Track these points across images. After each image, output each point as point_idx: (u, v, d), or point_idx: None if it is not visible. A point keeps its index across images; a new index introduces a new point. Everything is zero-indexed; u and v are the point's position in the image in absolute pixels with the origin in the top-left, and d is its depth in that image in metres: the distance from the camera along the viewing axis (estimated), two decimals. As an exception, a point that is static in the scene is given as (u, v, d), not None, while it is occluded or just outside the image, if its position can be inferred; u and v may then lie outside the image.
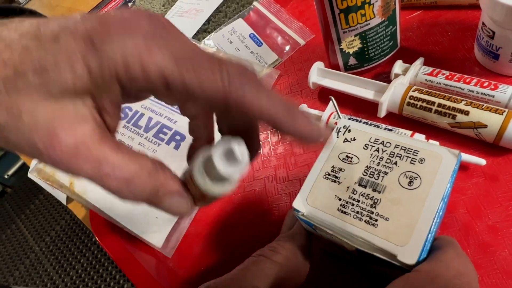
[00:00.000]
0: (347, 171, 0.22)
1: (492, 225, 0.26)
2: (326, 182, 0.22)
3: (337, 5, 0.31)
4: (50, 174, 0.37)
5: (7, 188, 1.97)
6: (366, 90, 0.34)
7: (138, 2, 0.72)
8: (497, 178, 0.28)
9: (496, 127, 0.27)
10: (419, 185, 0.20)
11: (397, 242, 0.19)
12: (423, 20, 0.40)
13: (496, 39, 0.30)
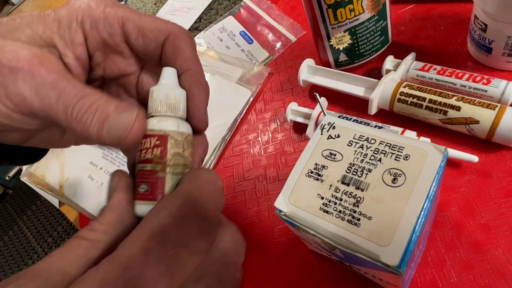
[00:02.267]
0: (330, 168, 0.21)
1: (485, 224, 0.25)
2: (309, 180, 0.21)
3: (325, 1, 0.30)
4: (40, 178, 0.37)
5: (9, 189, 1.97)
6: (357, 87, 0.33)
7: (130, 1, 0.72)
8: (490, 175, 0.27)
9: (488, 123, 0.26)
10: (403, 182, 0.19)
11: (380, 242, 0.18)
12: (415, 14, 0.39)
13: (488, 32, 0.29)
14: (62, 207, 0.48)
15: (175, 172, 0.18)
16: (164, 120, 0.19)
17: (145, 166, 0.18)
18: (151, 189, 0.18)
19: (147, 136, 0.18)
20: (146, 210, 0.18)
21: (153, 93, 0.19)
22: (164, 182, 0.18)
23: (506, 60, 0.30)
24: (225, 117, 0.38)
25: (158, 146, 0.18)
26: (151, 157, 0.18)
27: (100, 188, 0.35)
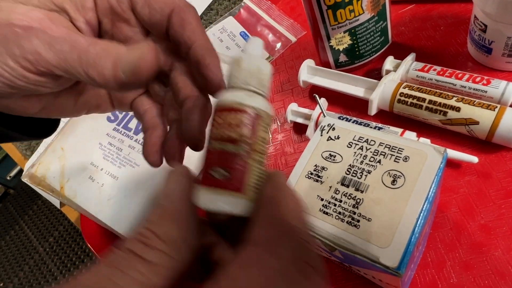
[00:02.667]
0: (330, 170, 0.21)
1: (485, 224, 0.25)
2: (309, 181, 0.21)
3: (325, 2, 0.30)
4: (41, 179, 0.37)
5: (10, 189, 1.98)
6: (357, 87, 0.33)
7: None
8: (490, 176, 0.27)
9: (488, 124, 0.26)
10: (403, 184, 0.19)
11: (380, 243, 0.18)
12: (415, 14, 0.39)
13: (488, 33, 0.29)
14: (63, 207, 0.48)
15: (258, 161, 0.15)
16: (255, 96, 0.16)
17: (226, 146, 0.15)
18: (233, 175, 0.14)
19: (233, 110, 0.15)
20: (221, 200, 0.14)
21: (242, 62, 0.16)
22: (247, 171, 0.15)
23: (506, 61, 0.30)
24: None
25: (247, 125, 0.15)
26: (235, 136, 0.15)
27: (101, 189, 0.35)
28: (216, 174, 0.15)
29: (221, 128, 0.15)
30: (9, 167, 1.93)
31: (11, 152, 0.59)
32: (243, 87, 0.16)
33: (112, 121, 0.39)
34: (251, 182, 0.15)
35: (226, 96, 0.15)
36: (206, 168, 0.15)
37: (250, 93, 0.16)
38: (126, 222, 0.34)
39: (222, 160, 0.15)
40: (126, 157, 0.36)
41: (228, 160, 0.15)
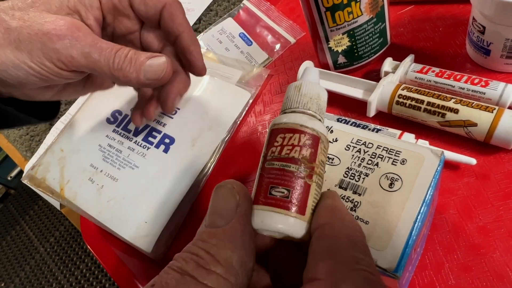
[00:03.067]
0: (328, 172, 0.21)
1: (483, 226, 0.25)
2: (307, 184, 0.21)
3: (323, 4, 0.30)
4: (41, 180, 0.37)
5: (11, 189, 1.98)
6: (355, 89, 0.33)
7: None
8: (488, 178, 0.27)
9: (486, 125, 0.26)
10: (400, 187, 0.19)
11: (377, 246, 0.18)
12: (414, 15, 0.39)
13: (486, 35, 0.29)
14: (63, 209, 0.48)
15: (318, 184, 0.15)
16: (315, 120, 0.16)
17: (287, 166, 0.15)
18: (293, 195, 0.14)
19: (295, 131, 0.15)
20: (281, 221, 0.14)
21: (303, 88, 0.17)
22: (309, 192, 0.15)
23: (504, 62, 0.30)
24: (225, 119, 0.38)
25: (309, 146, 0.15)
26: (298, 157, 0.15)
27: (100, 191, 0.35)
28: (277, 193, 0.14)
29: (282, 148, 0.15)
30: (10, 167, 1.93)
31: (11, 153, 0.59)
32: (304, 111, 0.16)
33: (111, 123, 0.39)
34: (311, 205, 0.15)
35: (288, 118, 0.16)
36: (264, 187, 0.15)
37: (310, 117, 0.16)
38: (126, 223, 0.34)
39: (284, 179, 0.14)
40: (126, 159, 0.36)
41: (290, 179, 0.14)
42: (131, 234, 0.33)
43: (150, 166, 0.35)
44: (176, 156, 0.36)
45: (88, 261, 1.46)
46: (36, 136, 0.55)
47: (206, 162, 0.36)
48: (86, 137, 0.39)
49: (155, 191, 0.34)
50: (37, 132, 0.56)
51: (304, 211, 0.14)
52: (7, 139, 0.61)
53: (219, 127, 0.38)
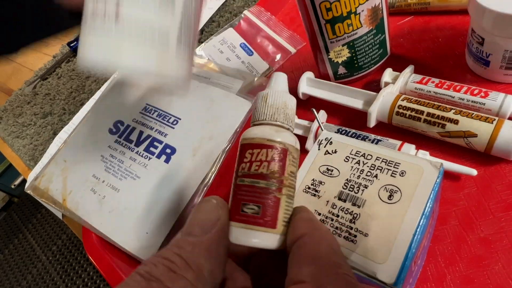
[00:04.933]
0: (327, 184, 0.21)
1: (485, 238, 0.25)
2: (306, 196, 0.21)
3: (323, 16, 0.30)
4: (44, 191, 0.38)
5: (14, 198, 1.99)
6: (355, 99, 0.33)
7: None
8: (489, 188, 0.27)
9: (486, 136, 0.26)
10: (399, 199, 0.19)
11: (376, 259, 0.18)
12: (413, 26, 0.39)
13: (486, 46, 0.29)
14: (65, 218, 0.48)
15: (288, 195, 0.16)
16: (283, 131, 0.16)
17: (257, 182, 0.15)
18: (264, 211, 0.15)
19: (263, 147, 0.15)
20: (253, 236, 0.15)
21: (268, 98, 0.17)
22: (279, 205, 0.15)
23: (504, 73, 0.30)
24: (226, 129, 0.38)
25: (277, 160, 0.15)
26: (266, 172, 0.15)
27: (102, 201, 0.35)
28: (248, 210, 0.15)
29: (251, 164, 0.15)
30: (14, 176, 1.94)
31: (15, 162, 0.60)
32: (271, 123, 0.16)
33: (113, 133, 0.39)
34: (283, 217, 0.15)
35: (255, 133, 0.16)
36: (237, 204, 0.15)
37: (277, 128, 0.16)
38: (127, 234, 0.34)
39: (254, 196, 0.15)
40: (128, 169, 0.36)
41: (260, 196, 0.15)
42: (132, 245, 0.33)
43: (151, 176, 0.36)
44: (177, 166, 0.36)
45: (90, 270, 1.46)
46: (40, 145, 0.56)
47: (207, 172, 0.36)
48: (88, 147, 0.39)
49: (157, 201, 0.34)
50: (40, 141, 0.56)
51: (275, 225, 0.15)
52: (11, 148, 0.62)
53: (220, 137, 0.38)
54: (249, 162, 0.15)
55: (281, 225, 0.15)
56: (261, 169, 0.15)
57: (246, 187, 0.15)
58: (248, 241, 0.15)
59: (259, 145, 0.15)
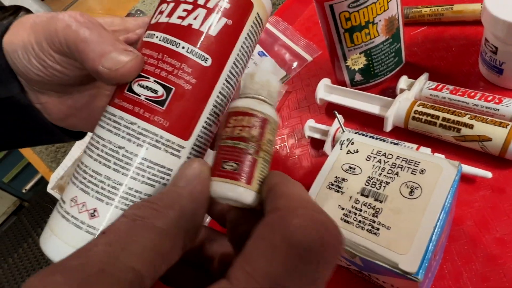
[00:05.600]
0: (350, 181, 0.22)
1: (500, 238, 0.26)
2: (330, 192, 0.23)
3: (342, 25, 0.32)
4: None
5: (25, 202, 2.02)
6: (372, 105, 0.35)
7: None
8: (504, 191, 0.28)
9: (500, 140, 0.27)
10: (420, 194, 0.20)
11: (399, 250, 0.19)
12: (427, 35, 0.40)
13: (499, 54, 0.31)
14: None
15: (265, 159, 0.17)
16: (265, 104, 0.18)
17: (238, 144, 0.17)
18: (241, 168, 0.16)
19: (246, 114, 0.17)
20: (231, 189, 0.16)
21: (255, 76, 0.18)
22: (255, 165, 0.17)
23: (517, 81, 0.31)
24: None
25: (257, 127, 0.17)
26: (247, 136, 0.17)
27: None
28: (228, 167, 0.17)
29: (234, 128, 0.17)
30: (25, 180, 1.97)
31: (36, 163, 0.62)
32: (255, 96, 0.18)
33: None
34: (258, 177, 0.17)
35: (241, 103, 0.18)
36: (218, 162, 0.17)
37: (260, 101, 0.18)
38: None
39: (234, 155, 0.17)
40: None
41: (239, 155, 0.17)
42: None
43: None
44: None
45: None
46: (62, 147, 0.58)
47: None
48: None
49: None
50: (62, 143, 0.59)
51: (251, 182, 0.16)
52: (32, 150, 0.64)
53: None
54: (233, 127, 0.17)
55: (256, 183, 0.17)
56: (243, 133, 0.17)
57: (228, 147, 0.17)
58: (224, 193, 0.16)
59: (242, 113, 0.17)
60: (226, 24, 0.19)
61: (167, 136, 0.18)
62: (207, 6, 0.18)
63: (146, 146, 0.17)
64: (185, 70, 0.18)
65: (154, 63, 0.18)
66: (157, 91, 0.18)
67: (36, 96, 0.25)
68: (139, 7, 0.83)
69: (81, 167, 0.18)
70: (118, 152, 0.17)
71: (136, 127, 0.17)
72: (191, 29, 0.18)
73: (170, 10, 0.18)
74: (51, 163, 0.57)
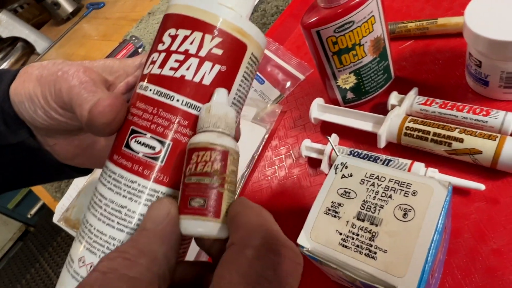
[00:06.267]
0: (345, 205, 0.23)
1: (498, 249, 0.27)
2: (327, 217, 0.23)
3: (330, 49, 0.33)
4: (75, 222, 0.40)
5: (30, 227, 2.02)
6: (365, 122, 0.36)
7: (148, 48, 0.78)
8: (498, 202, 0.28)
9: (490, 153, 0.28)
10: (413, 217, 0.21)
11: (396, 273, 0.20)
12: (414, 49, 0.42)
13: (483, 68, 0.32)
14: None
15: (230, 190, 0.18)
16: (224, 136, 0.18)
17: (202, 179, 0.17)
18: (208, 203, 0.17)
19: (207, 149, 0.17)
20: (200, 225, 0.16)
21: (212, 109, 0.18)
22: (222, 198, 0.17)
23: (503, 92, 0.32)
24: (243, 155, 0.41)
25: (219, 160, 0.17)
26: (210, 171, 0.17)
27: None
28: (195, 203, 0.17)
29: (196, 164, 0.17)
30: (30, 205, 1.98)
31: (41, 194, 0.63)
32: (213, 130, 0.18)
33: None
34: (225, 208, 0.17)
35: (200, 138, 0.18)
36: (185, 199, 0.17)
37: (219, 134, 0.18)
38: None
39: (199, 191, 0.17)
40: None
41: (205, 191, 0.17)
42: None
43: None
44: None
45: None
46: (65, 177, 0.59)
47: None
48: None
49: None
50: (65, 173, 0.60)
51: (219, 215, 0.17)
52: (36, 181, 0.65)
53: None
54: (195, 163, 0.17)
55: (224, 215, 0.17)
56: (206, 168, 0.17)
57: (193, 184, 0.17)
58: (195, 230, 0.17)
59: (203, 148, 0.17)
60: (220, 71, 0.19)
61: (168, 192, 0.18)
62: (199, 55, 0.18)
63: (148, 204, 0.18)
64: (181, 123, 0.18)
65: (150, 118, 0.18)
66: (155, 147, 0.18)
67: (45, 139, 0.26)
68: (133, 33, 0.85)
69: (86, 226, 0.18)
70: (120, 212, 0.17)
71: (136, 186, 0.18)
72: (184, 80, 0.18)
73: (162, 61, 0.18)
74: (56, 192, 0.58)
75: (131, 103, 0.19)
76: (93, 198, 0.19)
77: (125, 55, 0.73)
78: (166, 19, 0.19)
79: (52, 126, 0.24)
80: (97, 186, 0.19)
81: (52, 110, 0.23)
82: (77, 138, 0.27)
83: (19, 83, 0.23)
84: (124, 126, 0.19)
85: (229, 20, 0.18)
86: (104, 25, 1.06)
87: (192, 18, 0.18)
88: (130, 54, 0.74)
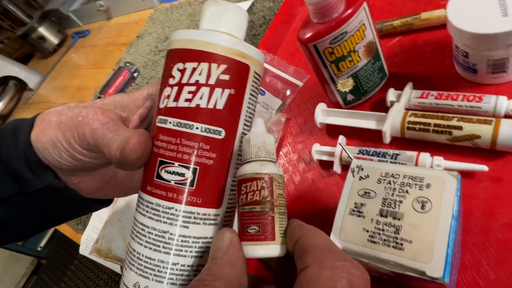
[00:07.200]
0: (368, 205, 0.26)
1: (507, 223, 0.29)
2: (353, 217, 0.26)
3: (327, 59, 0.35)
4: (107, 251, 0.42)
5: (42, 260, 2.02)
6: (368, 121, 0.38)
7: (142, 71, 0.79)
8: (501, 179, 0.31)
9: (488, 136, 0.31)
10: (431, 207, 0.23)
11: (423, 260, 0.22)
12: (403, 45, 0.44)
13: (471, 58, 0.34)
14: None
15: (281, 212, 0.19)
16: (266, 164, 0.19)
17: (254, 208, 0.19)
18: (263, 229, 0.19)
19: (253, 180, 0.19)
20: (260, 250, 0.18)
21: (251, 140, 0.20)
22: (274, 222, 0.19)
23: (492, 77, 0.35)
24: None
25: (266, 188, 0.19)
26: (259, 199, 0.19)
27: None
28: (251, 230, 0.19)
29: (246, 195, 0.19)
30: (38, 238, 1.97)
31: (62, 228, 0.64)
32: (256, 159, 0.20)
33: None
34: (279, 230, 0.19)
35: (245, 170, 0.20)
36: (242, 227, 0.19)
37: (262, 162, 0.20)
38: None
39: (253, 219, 0.19)
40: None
41: (258, 218, 0.19)
42: None
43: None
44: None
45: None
46: (83, 208, 0.61)
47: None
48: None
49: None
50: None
51: (274, 237, 0.19)
52: (54, 216, 0.66)
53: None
54: (245, 193, 0.19)
55: (279, 237, 0.19)
56: (255, 197, 0.19)
57: (247, 213, 0.19)
58: (256, 254, 0.19)
59: (249, 179, 0.19)
60: (230, 94, 0.20)
61: (203, 211, 0.20)
62: (209, 83, 0.20)
63: (187, 225, 0.20)
64: (204, 148, 0.20)
65: (175, 148, 0.20)
66: (184, 174, 0.20)
67: (69, 179, 0.28)
68: (125, 58, 0.87)
69: (134, 254, 0.20)
70: (164, 237, 0.19)
71: (174, 211, 0.20)
72: (199, 109, 0.20)
73: (176, 94, 0.20)
74: (77, 225, 0.60)
75: (153, 135, 0.21)
76: (135, 228, 0.21)
77: (122, 82, 0.75)
78: (172, 55, 0.21)
79: (77, 166, 0.26)
80: (136, 216, 0.21)
81: (76, 153, 0.25)
82: (99, 173, 0.29)
83: (39, 131, 0.25)
84: (151, 158, 0.20)
85: (229, 46, 0.20)
86: (92, 53, 1.07)
87: (196, 50, 0.19)
88: (126, 80, 0.75)
